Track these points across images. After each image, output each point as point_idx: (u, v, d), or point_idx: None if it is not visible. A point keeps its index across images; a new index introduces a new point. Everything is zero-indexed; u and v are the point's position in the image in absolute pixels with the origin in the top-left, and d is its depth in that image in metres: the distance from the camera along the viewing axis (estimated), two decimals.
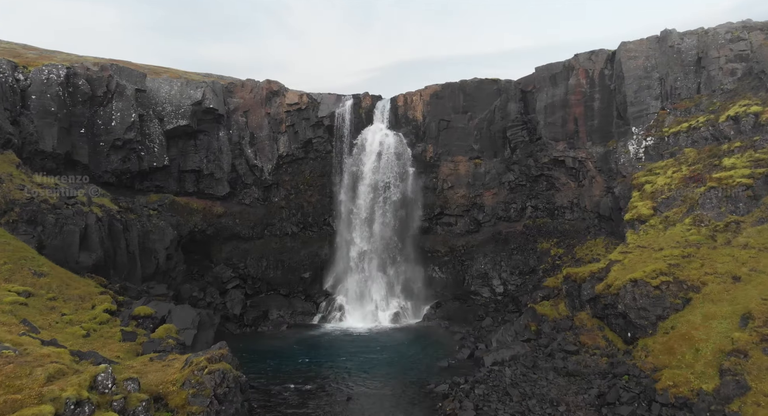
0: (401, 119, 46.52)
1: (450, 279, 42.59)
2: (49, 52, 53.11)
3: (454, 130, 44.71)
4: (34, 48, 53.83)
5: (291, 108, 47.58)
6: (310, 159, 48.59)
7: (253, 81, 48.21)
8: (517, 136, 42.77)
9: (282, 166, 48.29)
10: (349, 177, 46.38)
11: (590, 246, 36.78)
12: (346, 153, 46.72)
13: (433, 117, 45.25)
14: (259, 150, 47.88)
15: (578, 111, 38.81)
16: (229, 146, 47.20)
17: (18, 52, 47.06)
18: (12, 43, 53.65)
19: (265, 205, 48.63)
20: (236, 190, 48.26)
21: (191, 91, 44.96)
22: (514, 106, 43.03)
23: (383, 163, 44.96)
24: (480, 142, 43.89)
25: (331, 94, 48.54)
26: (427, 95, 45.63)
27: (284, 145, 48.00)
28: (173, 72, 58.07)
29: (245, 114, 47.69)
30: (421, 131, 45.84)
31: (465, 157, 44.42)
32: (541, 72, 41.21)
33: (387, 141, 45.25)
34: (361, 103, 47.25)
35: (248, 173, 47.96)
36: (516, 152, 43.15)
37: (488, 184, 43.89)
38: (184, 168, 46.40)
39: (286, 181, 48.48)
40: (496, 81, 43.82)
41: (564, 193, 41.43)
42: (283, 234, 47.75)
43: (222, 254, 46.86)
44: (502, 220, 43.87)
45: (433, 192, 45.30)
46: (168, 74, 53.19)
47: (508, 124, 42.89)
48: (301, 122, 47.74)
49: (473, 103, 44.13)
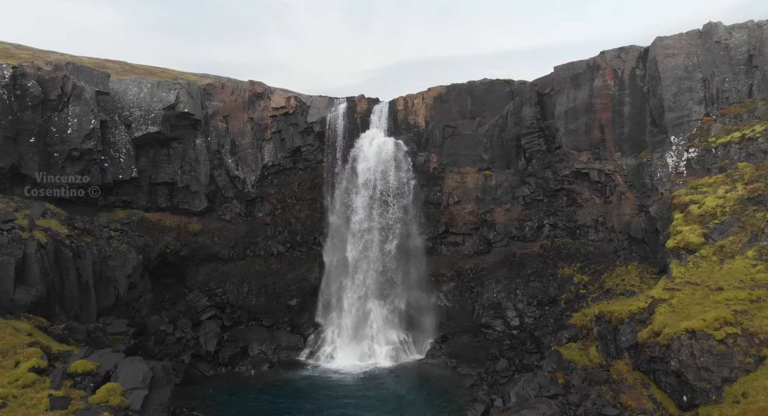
0: (401, 125, 42.12)
1: (457, 308, 38.08)
2: (42, 51, 52.33)
3: (460, 138, 40.30)
4: (28, 48, 53.08)
5: (277, 112, 43.17)
6: (298, 169, 44.15)
7: (234, 82, 43.82)
8: (532, 145, 38.37)
9: (267, 178, 43.86)
10: (342, 190, 41.93)
11: (621, 275, 32.30)
12: (339, 163, 42.30)
13: (437, 123, 40.85)
14: (241, 159, 43.44)
15: (605, 117, 34.40)
16: (207, 155, 42.78)
17: (11, 52, 45.85)
18: (5, 43, 52.00)
19: (248, 222, 44.17)
20: (215, 204, 43.83)
21: (163, 94, 40.55)
22: (529, 110, 38.63)
23: (381, 174, 40.53)
24: (490, 151, 39.48)
25: (322, 97, 44.13)
26: (430, 98, 41.22)
27: (269, 154, 43.56)
28: (169, 72, 57.63)
29: (225, 119, 43.28)
30: (424, 138, 41.43)
31: (473, 168, 39.99)
32: (561, 72, 36.80)
33: (385, 149, 40.86)
34: (355, 106, 42.84)
35: (229, 185, 43.53)
36: (531, 163, 38.72)
37: (500, 198, 39.45)
38: (156, 180, 41.96)
39: (272, 194, 44.03)
40: (508, 82, 39.43)
41: (587, 210, 36.97)
42: (268, 254, 43.28)
43: (198, 278, 42.35)
44: (515, 240, 39.40)
45: (438, 207, 40.86)
46: (165, 75, 52.91)
47: (523, 131, 38.49)
48: (289, 128, 43.31)
49: (482, 107, 39.72)
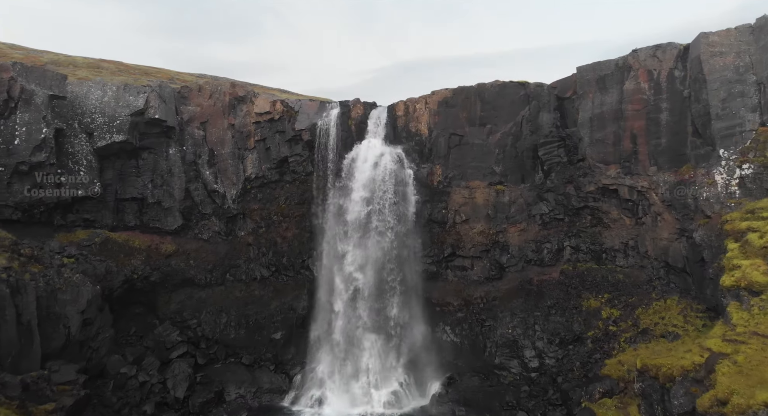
0: (401, 133, 37.99)
1: (466, 344, 33.88)
2: (36, 51, 51.93)
3: (468, 148, 36.18)
4: (22, 48, 52.71)
5: (261, 118, 39.01)
6: (285, 182, 39.97)
7: (212, 83, 39.66)
8: (551, 156, 34.24)
9: (250, 192, 39.67)
10: (334, 206, 37.77)
11: (659, 311, 28.14)
12: (331, 176, 38.14)
13: (441, 130, 36.73)
14: (221, 171, 39.27)
15: (637, 125, 30.29)
16: (181, 167, 38.64)
17: (4, 52, 45.41)
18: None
19: (228, 241, 39.96)
20: (191, 221, 39.63)
21: (130, 98, 36.39)
22: (547, 116, 34.52)
23: (378, 188, 36.42)
24: (503, 162, 35.35)
25: (312, 101, 40.01)
26: (434, 103, 37.09)
27: (252, 165, 39.40)
28: (165, 72, 57.93)
29: (203, 126, 39.13)
30: (427, 148, 37.30)
31: (483, 182, 35.85)
32: (585, 73, 32.70)
33: (383, 161, 36.74)
34: (350, 112, 38.70)
35: (206, 201, 39.35)
36: (550, 177, 34.58)
37: (514, 216, 35.30)
38: (123, 196, 37.84)
39: (255, 210, 39.82)
40: (523, 85, 35.34)
41: (615, 232, 32.82)
42: (250, 278, 39.06)
43: (170, 306, 38.12)
44: (532, 264, 35.24)
45: (443, 226, 36.70)
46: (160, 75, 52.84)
47: (540, 141, 34.37)
48: (274, 136, 39.16)
49: (494, 112, 35.61)
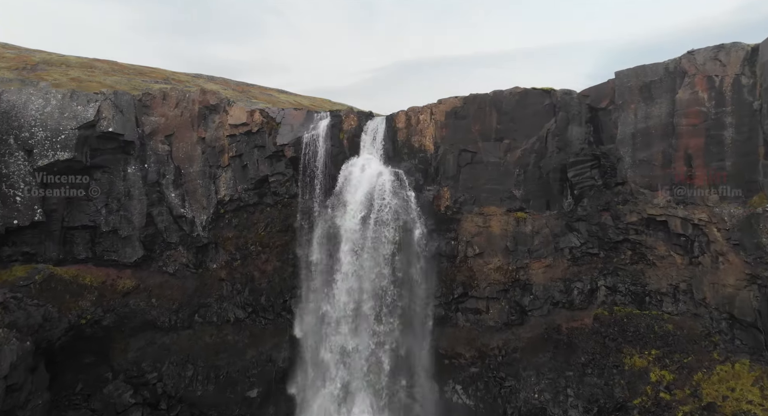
0: (402, 149, 32.98)
1: (481, 409, 28.73)
2: (28, 51, 51.55)
3: (482, 167, 31.19)
4: (15, 47, 52.49)
5: (237, 130, 33.94)
6: (265, 206, 34.88)
7: (179, 90, 34.58)
8: (583, 179, 29.24)
9: (223, 217, 34.56)
10: (322, 235, 32.72)
11: (725, 378, 23.07)
12: (319, 199, 33.11)
13: (450, 146, 31.73)
14: (189, 193, 34.18)
15: (694, 143, 25.32)
16: (142, 188, 33.58)
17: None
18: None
19: (198, 275, 34.87)
20: (154, 252, 34.51)
21: (78, 107, 31.33)
22: (577, 130, 29.56)
23: (374, 215, 31.32)
24: (524, 185, 30.34)
25: (297, 110, 34.98)
26: (442, 113, 32.08)
27: (226, 186, 34.32)
28: (160, 72, 57.76)
29: (168, 139, 34.06)
30: (433, 167, 32.27)
31: (501, 208, 30.84)
32: (625, 79, 27.73)
33: (381, 181, 31.77)
34: (341, 123, 33.67)
35: (172, 227, 34.28)
36: (582, 203, 29.56)
37: (538, 250, 30.26)
38: (71, 223, 32.79)
39: (230, 239, 34.67)
40: (548, 92, 30.37)
41: (663, 272, 27.77)
42: (223, 321, 33.92)
43: (127, 354, 32.89)
44: (559, 307, 30.17)
45: (452, 261, 31.63)
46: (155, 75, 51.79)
47: (570, 160, 29.38)
48: (252, 152, 34.08)
49: (513, 125, 30.62)
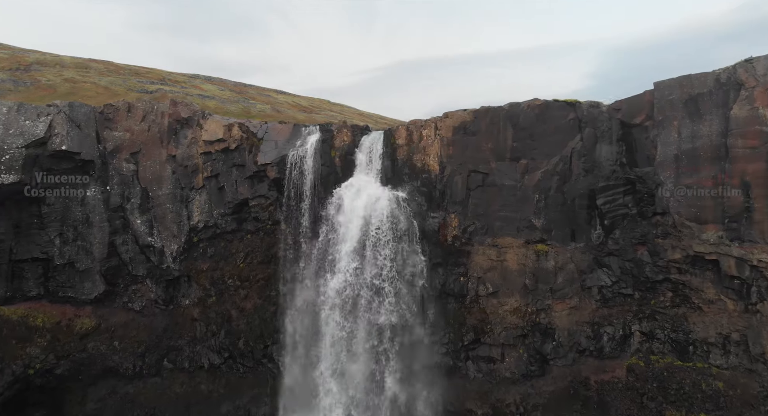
0: (402, 168, 29.24)
1: None
2: (22, 51, 51.48)
3: (496, 191, 27.44)
4: (9, 46, 52.53)
5: (212, 147, 30.15)
6: (245, 234, 31.06)
7: (146, 101, 30.75)
8: (615, 207, 25.50)
9: (197, 246, 30.77)
10: (311, 269, 28.94)
11: None
12: (307, 227, 29.33)
13: (458, 166, 28.00)
14: (158, 219, 30.38)
15: (753, 169, 21.61)
16: (104, 213, 29.81)
17: None
18: None
19: (168, 312, 31.05)
20: (118, 287, 30.77)
21: (27, 122, 27.57)
22: (607, 150, 25.84)
23: (370, 246, 27.61)
24: (545, 212, 26.58)
25: (282, 124, 31.21)
26: (448, 128, 28.32)
27: (201, 211, 30.50)
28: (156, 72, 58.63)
29: (134, 157, 30.31)
30: (438, 190, 28.50)
31: (518, 240, 27.07)
32: (667, 91, 24.00)
33: (378, 207, 28.13)
34: (333, 139, 29.93)
35: (138, 258, 30.53)
36: (614, 235, 25.80)
37: (561, 289, 26.47)
38: (20, 256, 29.13)
39: (204, 271, 30.86)
40: (571, 105, 26.67)
41: (711, 318, 23.99)
42: (196, 367, 30.08)
43: (85, 406, 29.15)
44: (586, 355, 26.41)
45: (461, 301, 27.82)
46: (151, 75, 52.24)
47: (599, 184, 25.63)
48: (230, 172, 30.28)
49: (531, 142, 26.87)
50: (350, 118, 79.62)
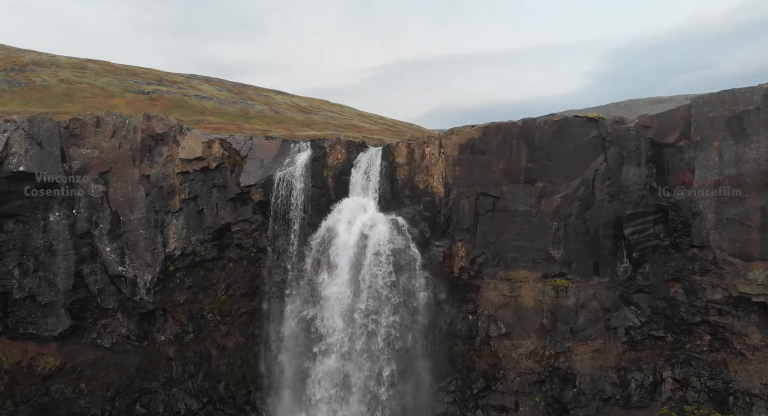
0: (403, 190, 26.61)
1: None
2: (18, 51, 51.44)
3: (508, 217, 24.79)
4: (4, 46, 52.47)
5: (190, 166, 27.48)
6: (227, 262, 28.39)
7: (117, 115, 28.03)
8: (645, 237, 22.90)
9: (173, 276, 28.11)
10: (299, 304, 26.25)
11: None
12: (295, 255, 26.63)
13: (465, 188, 25.36)
14: (130, 246, 27.72)
15: None
16: (69, 240, 27.23)
17: None
18: None
19: (142, 349, 28.45)
20: (85, 321, 28.24)
21: None
22: (635, 172, 23.22)
23: (366, 278, 24.99)
24: (565, 242, 23.93)
25: (269, 140, 28.56)
26: (454, 146, 25.68)
27: (177, 237, 27.84)
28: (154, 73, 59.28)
29: (103, 177, 27.67)
30: (443, 215, 25.84)
31: (534, 273, 24.43)
32: (706, 107, 21.37)
33: (375, 234, 25.60)
34: (325, 156, 27.30)
35: (108, 290, 27.95)
36: (643, 269, 23.16)
37: (583, 329, 23.83)
38: None
39: (181, 304, 28.19)
40: (594, 121, 24.06)
41: (756, 367, 21.35)
42: (171, 413, 27.43)
43: None
44: (611, 404, 23.79)
45: (470, 343, 25.17)
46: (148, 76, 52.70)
47: (626, 211, 22.99)
48: (211, 193, 27.57)
49: (548, 163, 24.24)
50: (349, 118, 77.34)
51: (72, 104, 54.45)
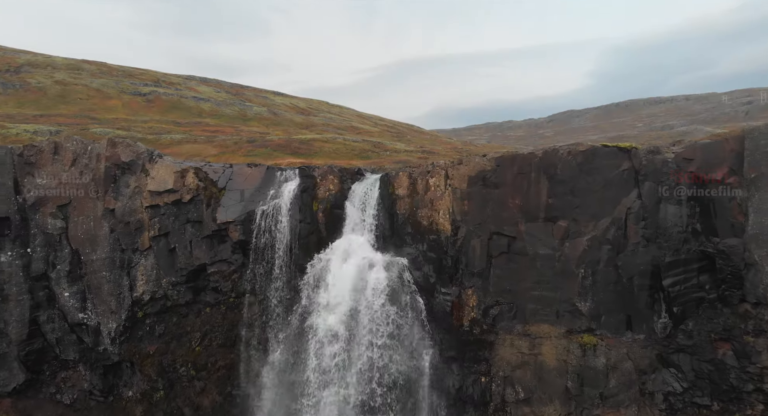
0: (404, 226, 23.69)
1: None
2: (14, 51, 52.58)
3: (527, 261, 21.88)
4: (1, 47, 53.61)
5: (161, 199, 24.51)
6: (203, 307, 25.50)
7: (77, 141, 25.08)
8: (687, 289, 19.98)
9: (142, 323, 25.23)
10: (284, 358, 23.24)
11: None
12: (280, 302, 23.65)
13: (476, 226, 22.43)
14: (93, 289, 24.82)
15: None
16: (23, 283, 24.37)
17: None
18: None
19: (107, 407, 25.61)
20: (42, 374, 25.36)
21: None
22: (675, 213, 20.29)
23: (364, 330, 22.02)
24: (593, 293, 20.96)
25: (251, 168, 25.62)
26: (462, 177, 22.75)
27: (147, 279, 24.92)
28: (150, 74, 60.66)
29: (62, 211, 24.76)
30: (450, 257, 22.90)
31: (557, 328, 21.46)
32: (763, 139, 18.57)
33: (373, 278, 22.84)
34: (316, 187, 24.39)
35: (68, 339, 25.20)
36: (686, 326, 20.26)
37: (615, 395, 20.88)
38: None
39: (151, 356, 25.28)
40: (626, 152, 21.27)
41: None
42: None
43: None
44: None
45: (483, 410, 22.28)
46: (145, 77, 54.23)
47: (666, 258, 20.04)
48: (184, 230, 24.61)
49: (573, 199, 21.29)
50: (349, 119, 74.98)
51: (67, 106, 52.97)
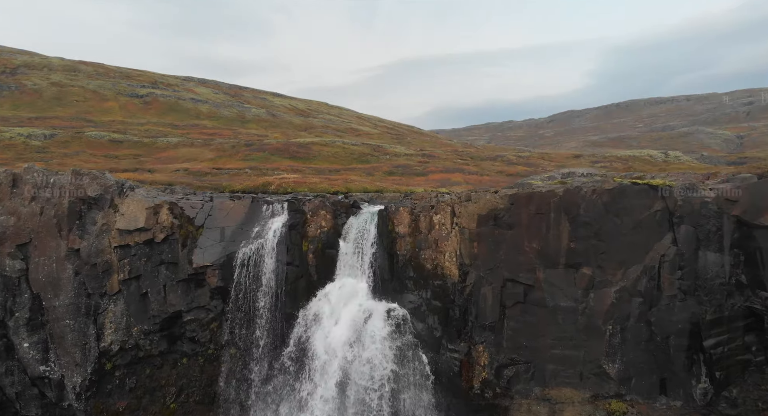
0: (405, 269, 21.34)
1: None
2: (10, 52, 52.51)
3: (546, 314, 19.47)
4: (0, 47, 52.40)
5: (132, 238, 22.19)
6: (179, 357, 23.21)
7: (38, 172, 22.74)
8: (732, 350, 17.69)
9: (111, 377, 22.87)
10: None
11: None
12: (264, 356, 21.21)
13: (487, 271, 20.06)
14: (55, 339, 22.54)
15: None
16: None
17: None
18: None
19: None
20: None
21: None
22: (716, 261, 17.93)
23: (359, 396, 19.68)
24: (622, 353, 18.53)
25: (235, 201, 23.31)
26: (471, 216, 20.36)
27: (116, 327, 22.62)
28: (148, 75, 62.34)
29: (22, 251, 22.46)
30: (458, 307, 20.50)
31: (581, 392, 19.04)
32: None
33: (368, 331, 20.68)
34: (305, 224, 22.05)
35: (29, 394, 22.95)
36: (729, 392, 17.87)
37: None
38: None
39: (120, 413, 22.80)
40: (657, 190, 18.81)
41: None
42: None
43: None
44: None
45: None
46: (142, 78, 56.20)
47: (707, 316, 17.69)
48: (157, 272, 22.26)
49: (598, 243, 18.89)
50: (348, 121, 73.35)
51: (63, 108, 52.16)
